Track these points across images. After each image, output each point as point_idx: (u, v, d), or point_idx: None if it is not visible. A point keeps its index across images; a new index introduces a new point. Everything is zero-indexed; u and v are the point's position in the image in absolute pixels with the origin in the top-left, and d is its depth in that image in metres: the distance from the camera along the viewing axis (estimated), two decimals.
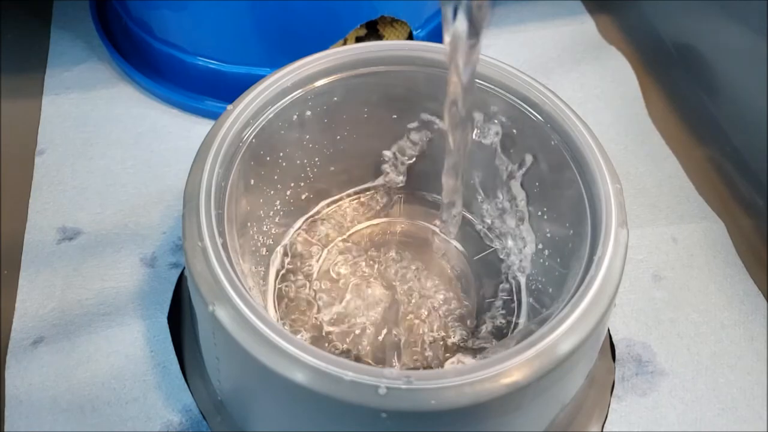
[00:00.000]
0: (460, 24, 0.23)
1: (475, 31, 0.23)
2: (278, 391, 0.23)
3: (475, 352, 0.31)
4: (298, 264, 0.34)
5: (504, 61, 0.31)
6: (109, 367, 0.31)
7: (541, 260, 0.33)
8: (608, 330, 0.33)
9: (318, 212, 0.36)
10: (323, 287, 0.33)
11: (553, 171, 0.30)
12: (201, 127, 0.42)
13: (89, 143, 0.41)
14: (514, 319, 0.32)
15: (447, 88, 0.27)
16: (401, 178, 0.36)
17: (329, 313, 0.32)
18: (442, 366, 0.30)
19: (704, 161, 0.41)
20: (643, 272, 0.35)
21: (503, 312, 0.32)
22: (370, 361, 0.31)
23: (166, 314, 0.33)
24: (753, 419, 0.31)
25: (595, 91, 0.45)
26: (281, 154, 0.32)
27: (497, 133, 0.33)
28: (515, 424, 0.25)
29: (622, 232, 0.26)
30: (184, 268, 0.30)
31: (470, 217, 0.36)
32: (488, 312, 0.32)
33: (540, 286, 0.32)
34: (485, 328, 0.32)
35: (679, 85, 0.44)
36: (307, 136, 0.33)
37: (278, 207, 0.34)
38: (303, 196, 0.35)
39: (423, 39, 0.43)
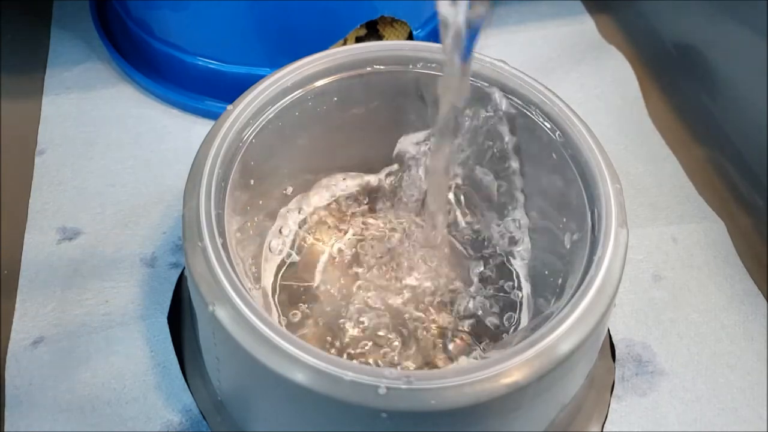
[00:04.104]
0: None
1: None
2: (278, 391, 0.23)
3: (475, 351, 0.31)
4: (300, 263, 0.34)
5: (504, 61, 0.31)
6: (109, 367, 0.31)
7: (541, 260, 0.33)
8: (608, 330, 0.33)
9: (318, 211, 0.36)
10: (323, 286, 0.33)
11: (553, 171, 0.30)
12: (201, 127, 0.42)
13: (89, 143, 0.41)
14: (514, 318, 0.32)
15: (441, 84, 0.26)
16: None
17: (330, 312, 0.32)
18: (443, 365, 0.30)
19: (704, 161, 0.41)
20: (643, 272, 0.35)
21: (503, 312, 0.32)
22: (371, 361, 0.31)
23: (166, 314, 0.33)
24: (753, 419, 0.31)
25: (595, 91, 0.45)
26: (281, 154, 0.32)
27: (497, 134, 0.33)
28: (515, 424, 0.25)
29: (622, 232, 0.26)
30: (184, 268, 0.30)
31: (470, 217, 0.36)
32: (488, 312, 0.32)
33: (540, 286, 0.32)
34: (485, 327, 0.32)
35: (679, 85, 0.44)
36: (307, 137, 0.33)
37: (279, 206, 0.34)
38: (303, 196, 0.35)
39: (423, 39, 0.43)
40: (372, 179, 0.37)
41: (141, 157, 0.40)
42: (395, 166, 0.36)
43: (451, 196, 0.34)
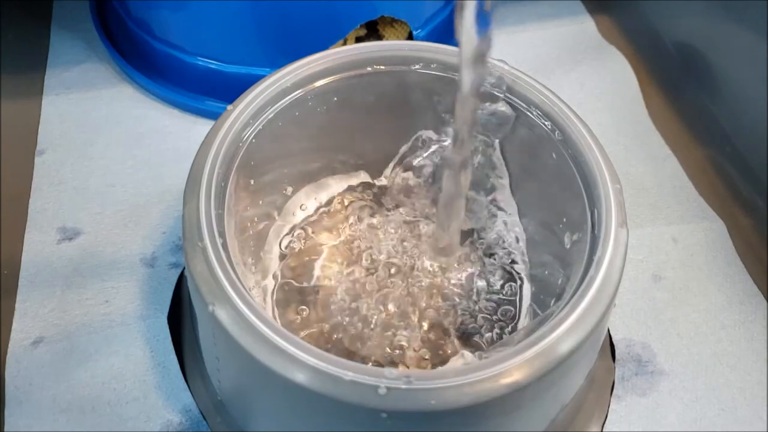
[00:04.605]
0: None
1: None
2: (278, 391, 0.23)
3: (475, 351, 0.31)
4: (299, 263, 0.34)
5: (504, 61, 0.31)
6: (109, 367, 0.31)
7: (541, 260, 0.33)
8: (608, 330, 0.33)
9: (318, 210, 0.36)
10: (324, 285, 0.33)
11: (553, 171, 0.30)
12: (201, 127, 0.42)
13: (89, 143, 0.41)
14: (514, 318, 0.32)
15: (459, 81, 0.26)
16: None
17: (330, 311, 0.32)
18: (443, 365, 0.30)
19: (704, 161, 0.41)
20: (643, 272, 0.35)
21: (503, 312, 0.32)
22: (372, 360, 0.31)
23: (166, 314, 0.33)
24: (753, 419, 0.31)
25: (595, 91, 0.45)
26: (281, 154, 0.32)
27: (497, 135, 0.33)
28: (515, 424, 0.25)
29: (622, 232, 0.26)
30: (184, 268, 0.30)
31: (470, 216, 0.36)
32: (488, 312, 0.32)
33: (540, 286, 0.32)
34: (485, 328, 0.32)
35: (679, 85, 0.44)
36: (307, 137, 0.33)
37: (278, 206, 0.34)
38: (303, 195, 0.35)
39: (423, 39, 0.43)
40: (372, 179, 0.37)
41: (141, 157, 0.40)
42: (396, 167, 0.36)
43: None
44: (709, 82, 0.42)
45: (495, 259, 0.34)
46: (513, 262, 0.34)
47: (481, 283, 0.33)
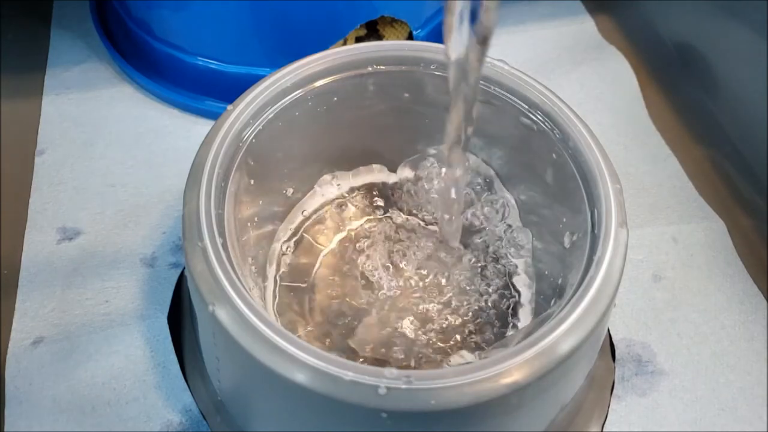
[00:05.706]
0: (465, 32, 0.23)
1: (482, 37, 0.23)
2: (278, 391, 0.23)
3: (475, 351, 0.31)
4: (299, 263, 0.34)
5: (504, 61, 0.31)
6: (109, 367, 0.31)
7: (541, 260, 0.33)
8: (608, 330, 0.33)
9: (318, 211, 0.36)
10: (323, 286, 0.33)
11: (553, 171, 0.30)
12: (201, 127, 0.42)
13: (89, 143, 0.41)
14: (514, 318, 0.32)
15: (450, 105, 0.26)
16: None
17: (330, 312, 0.32)
18: (443, 365, 0.30)
19: (704, 161, 0.41)
20: (643, 272, 0.35)
21: (503, 312, 0.32)
22: (372, 360, 0.31)
23: (166, 314, 0.33)
24: (753, 419, 0.31)
25: (595, 91, 0.45)
26: (281, 154, 0.32)
27: (495, 137, 0.33)
28: (515, 424, 0.25)
29: (622, 232, 0.26)
30: (184, 268, 0.30)
31: (470, 218, 0.36)
32: (488, 312, 0.32)
33: (540, 286, 0.32)
34: (485, 328, 0.32)
35: (679, 85, 0.44)
36: (307, 137, 0.33)
37: (278, 206, 0.34)
38: (303, 195, 0.35)
39: (423, 39, 0.43)
40: (372, 179, 0.37)
41: (141, 157, 0.40)
42: (397, 167, 0.36)
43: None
44: (709, 82, 0.42)
45: (494, 259, 0.34)
46: (512, 261, 0.34)
47: (480, 283, 0.33)
